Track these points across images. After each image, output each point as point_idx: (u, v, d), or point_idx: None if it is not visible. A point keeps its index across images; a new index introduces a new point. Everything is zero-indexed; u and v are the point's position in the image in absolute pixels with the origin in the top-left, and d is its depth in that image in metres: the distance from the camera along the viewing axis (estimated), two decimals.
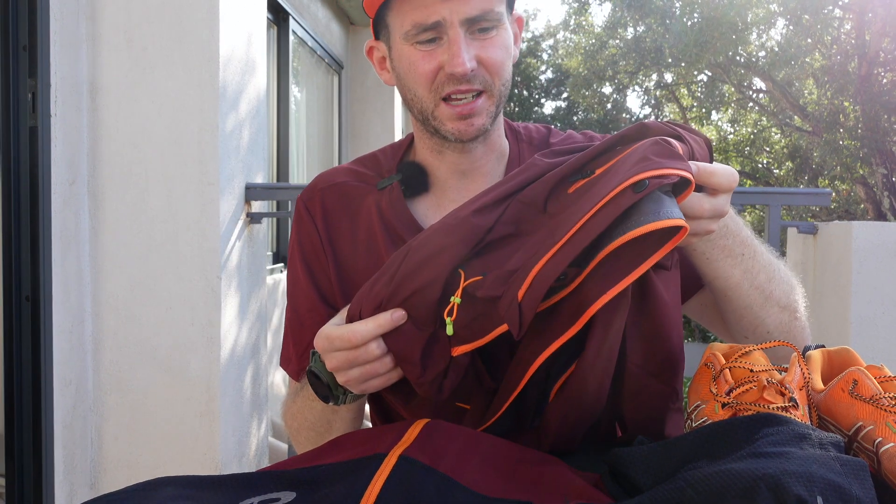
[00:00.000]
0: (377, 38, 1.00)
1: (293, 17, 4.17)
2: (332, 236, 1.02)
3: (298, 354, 1.04)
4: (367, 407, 1.05)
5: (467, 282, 0.77)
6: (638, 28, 11.67)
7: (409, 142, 1.08)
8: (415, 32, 0.90)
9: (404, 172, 1.02)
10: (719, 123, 13.85)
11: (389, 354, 0.79)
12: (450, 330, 0.78)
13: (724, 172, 0.75)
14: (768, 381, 0.69)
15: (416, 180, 1.01)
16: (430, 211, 1.01)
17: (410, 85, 0.94)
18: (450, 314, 0.77)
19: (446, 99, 0.92)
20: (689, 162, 0.72)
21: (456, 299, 0.77)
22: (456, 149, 0.98)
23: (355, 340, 0.77)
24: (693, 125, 13.06)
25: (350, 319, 0.81)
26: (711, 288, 0.89)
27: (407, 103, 0.98)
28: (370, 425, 1.06)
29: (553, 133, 1.06)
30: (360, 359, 0.78)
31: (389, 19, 0.94)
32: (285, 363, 1.07)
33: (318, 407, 0.92)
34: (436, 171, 1.02)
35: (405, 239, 0.97)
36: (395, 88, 1.02)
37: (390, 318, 0.77)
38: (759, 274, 0.87)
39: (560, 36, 17.69)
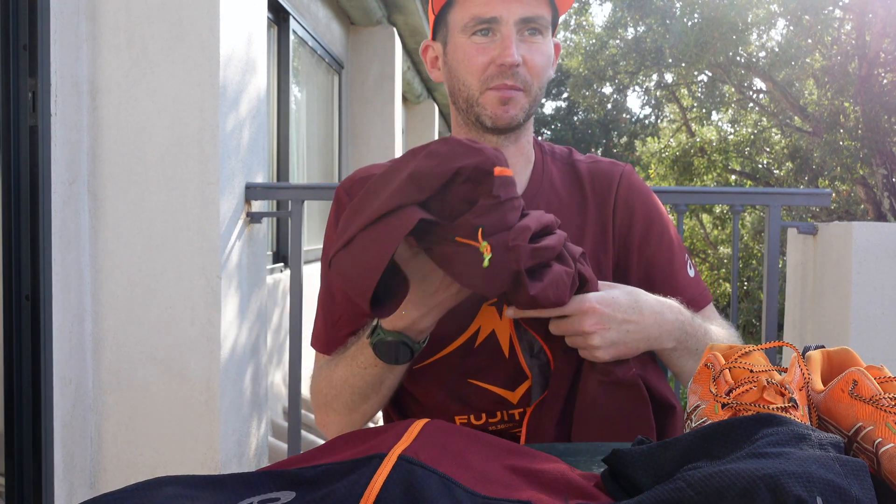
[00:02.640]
0: (434, 38, 1.12)
1: (293, 17, 4.17)
2: None
3: (328, 330, 1.12)
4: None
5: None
6: (638, 28, 11.66)
7: None
8: (473, 24, 1.02)
9: None
10: (719, 124, 13.85)
11: None
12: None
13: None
14: (768, 382, 0.69)
15: None
16: None
17: (462, 75, 1.06)
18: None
19: (494, 87, 1.04)
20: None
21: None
22: (490, 143, 1.07)
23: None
24: (693, 125, 13.09)
25: None
26: (669, 368, 1.09)
27: (453, 94, 1.09)
28: (372, 425, 1.07)
29: (574, 153, 1.18)
30: None
31: (451, 16, 1.06)
32: (315, 341, 1.14)
33: (371, 372, 0.99)
34: None
35: None
36: (396, 88, 1.07)
37: None
38: (690, 353, 1.03)
39: (560, 36, 17.69)
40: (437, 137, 9.14)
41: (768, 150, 11.90)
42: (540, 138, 1.20)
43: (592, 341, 0.92)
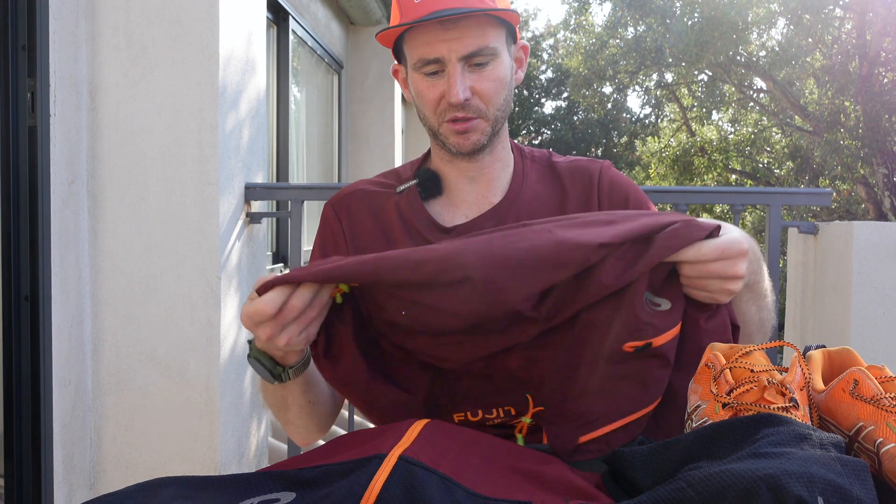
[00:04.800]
0: (399, 62, 1.15)
1: (293, 17, 4.16)
2: (356, 235, 1.16)
3: None
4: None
5: (534, 409, 0.89)
6: (638, 28, 11.66)
7: (425, 157, 1.23)
8: (420, 65, 1.06)
9: (420, 177, 1.16)
10: (720, 123, 13.85)
11: (312, 304, 0.84)
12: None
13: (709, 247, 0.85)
14: (769, 382, 0.69)
15: (431, 184, 1.16)
16: (444, 210, 1.15)
17: (420, 107, 1.11)
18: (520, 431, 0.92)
19: (449, 120, 1.08)
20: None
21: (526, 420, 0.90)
22: (464, 159, 1.12)
23: (269, 310, 0.82)
24: (693, 125, 13.09)
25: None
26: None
27: (420, 120, 1.14)
28: (371, 425, 1.07)
29: (553, 155, 1.20)
30: (285, 320, 0.83)
31: (404, 50, 1.10)
32: None
33: (270, 388, 0.99)
34: (448, 177, 1.17)
35: (423, 234, 1.11)
36: (395, 88, 1.10)
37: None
38: (765, 310, 0.99)
39: (560, 35, 17.69)
40: None
41: (769, 149, 11.90)
42: (539, 139, 1.21)
43: (735, 287, 0.85)
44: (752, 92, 11.54)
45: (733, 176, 11.92)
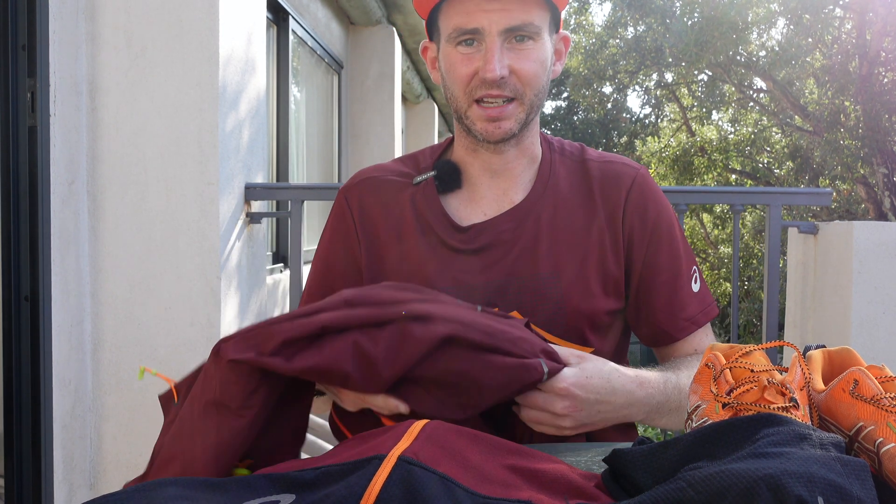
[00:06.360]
0: (431, 38, 1.09)
1: (293, 17, 4.16)
2: (367, 225, 1.10)
3: None
4: None
5: None
6: (638, 28, 11.67)
7: (448, 143, 1.16)
8: (456, 35, 0.99)
9: (439, 169, 1.10)
10: (720, 123, 13.85)
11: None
12: None
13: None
14: (769, 382, 0.69)
15: (449, 177, 1.09)
16: (462, 206, 1.09)
17: (449, 84, 1.03)
18: None
19: (479, 101, 1.00)
20: None
21: None
22: (489, 149, 1.06)
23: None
24: (693, 125, 13.09)
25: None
26: None
27: (447, 101, 1.06)
28: None
29: (587, 150, 1.13)
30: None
31: (439, 21, 1.03)
32: None
33: None
34: (469, 169, 1.09)
35: (437, 232, 1.05)
36: (396, 88, 1.07)
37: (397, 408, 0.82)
38: (662, 415, 0.98)
39: None
40: (436, 137, 9.07)
41: (769, 149, 11.91)
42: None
43: (563, 423, 0.87)
44: (752, 92, 11.54)
45: (733, 176, 11.93)
